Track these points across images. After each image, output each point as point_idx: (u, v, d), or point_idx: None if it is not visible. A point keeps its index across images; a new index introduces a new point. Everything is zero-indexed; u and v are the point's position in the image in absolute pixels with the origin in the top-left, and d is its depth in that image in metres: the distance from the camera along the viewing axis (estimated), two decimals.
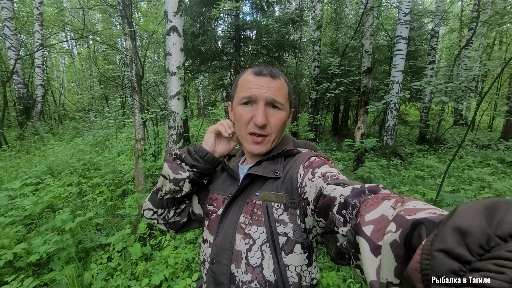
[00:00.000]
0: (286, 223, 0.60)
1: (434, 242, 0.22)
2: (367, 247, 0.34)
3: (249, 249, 0.61)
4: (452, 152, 6.36)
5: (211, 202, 0.75)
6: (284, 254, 0.59)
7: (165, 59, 2.51)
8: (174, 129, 2.62)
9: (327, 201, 0.46)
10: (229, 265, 0.63)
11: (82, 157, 4.43)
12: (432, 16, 7.03)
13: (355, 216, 0.39)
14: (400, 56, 5.40)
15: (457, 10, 13.41)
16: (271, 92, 0.63)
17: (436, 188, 3.73)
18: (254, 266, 0.60)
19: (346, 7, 9.13)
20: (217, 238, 0.68)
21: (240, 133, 0.69)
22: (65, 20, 11.21)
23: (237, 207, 0.67)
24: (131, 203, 2.99)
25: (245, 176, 0.66)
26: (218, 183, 0.78)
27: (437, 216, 0.27)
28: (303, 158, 0.64)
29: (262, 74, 0.65)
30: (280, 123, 0.66)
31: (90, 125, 7.62)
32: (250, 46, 5.93)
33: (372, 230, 0.34)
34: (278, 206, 0.61)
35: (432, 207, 0.31)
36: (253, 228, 0.62)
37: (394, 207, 0.35)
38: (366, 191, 0.42)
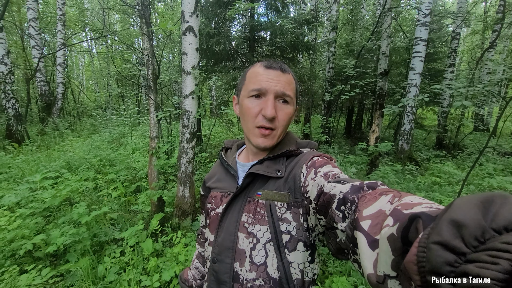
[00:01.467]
0: (290, 222, 0.60)
1: (431, 235, 0.23)
2: (365, 241, 0.34)
3: (253, 248, 0.62)
4: (472, 159, 6.11)
5: (210, 200, 0.76)
6: (288, 251, 0.60)
7: (181, 59, 2.55)
8: (187, 128, 2.66)
9: (327, 199, 0.47)
10: (231, 263, 0.64)
11: (99, 153, 4.56)
12: (454, 18, 6.79)
13: (353, 211, 0.40)
14: (419, 58, 5.25)
15: (480, 11, 12.91)
16: (281, 85, 0.63)
17: (454, 195, 3.59)
18: (259, 264, 0.61)
19: (362, 8, 8.99)
20: (218, 237, 0.68)
21: (247, 127, 0.68)
22: (85, 21, 11.62)
23: (238, 206, 0.66)
24: (144, 200, 3.05)
25: (247, 175, 0.65)
26: (216, 180, 0.78)
27: (434, 210, 0.27)
28: (307, 157, 0.64)
29: (272, 67, 0.64)
30: (287, 117, 0.65)
31: (107, 122, 7.86)
32: (264, 47, 5.93)
33: (369, 225, 0.35)
34: (281, 205, 0.61)
35: (429, 202, 0.31)
36: (256, 227, 0.62)
37: (391, 202, 0.35)
38: (365, 187, 0.43)
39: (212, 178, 0.80)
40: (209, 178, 0.82)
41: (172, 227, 2.81)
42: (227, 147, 0.86)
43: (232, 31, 5.92)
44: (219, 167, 0.81)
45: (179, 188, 2.82)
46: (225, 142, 0.88)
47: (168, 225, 2.78)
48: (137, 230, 2.39)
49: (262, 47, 6.04)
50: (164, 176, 4.21)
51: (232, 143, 0.86)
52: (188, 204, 2.86)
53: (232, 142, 0.86)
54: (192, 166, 2.79)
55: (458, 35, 7.30)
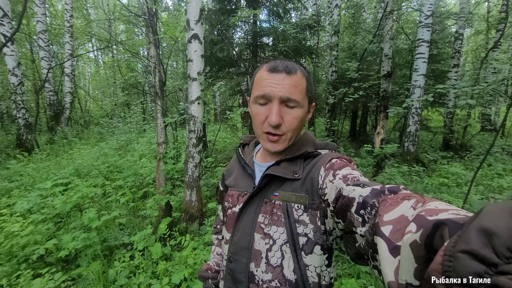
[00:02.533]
0: (307, 224, 0.59)
1: (458, 243, 0.21)
2: (385, 247, 0.33)
3: (269, 249, 0.61)
4: (480, 159, 6.03)
5: (227, 198, 0.76)
6: (304, 254, 0.59)
7: (186, 66, 2.61)
8: (194, 133, 2.70)
9: (346, 202, 0.46)
10: (247, 263, 0.64)
11: (106, 160, 4.64)
12: (456, 18, 6.79)
13: (373, 216, 0.39)
14: (422, 59, 5.25)
15: (483, 11, 12.87)
16: (286, 90, 0.61)
17: (462, 196, 3.55)
18: (275, 265, 0.60)
19: (364, 11, 9.05)
20: (234, 237, 0.68)
21: (256, 132, 0.68)
22: (92, 31, 11.92)
23: (254, 206, 0.66)
24: (152, 205, 3.09)
25: (264, 176, 0.65)
26: (234, 178, 0.77)
27: (461, 217, 0.26)
28: (325, 159, 0.62)
29: (277, 70, 0.62)
30: (296, 121, 0.63)
31: (114, 130, 7.99)
32: (267, 52, 6.01)
33: (391, 230, 0.34)
34: (298, 207, 0.60)
35: (456, 208, 0.30)
36: (273, 228, 0.62)
37: (414, 207, 0.34)
38: (386, 191, 0.41)
39: (230, 176, 0.80)
40: (228, 174, 0.82)
41: (180, 231, 2.83)
42: (244, 143, 0.85)
43: (235, 38, 6.02)
44: (237, 164, 0.80)
45: (186, 192, 2.86)
46: (243, 138, 0.87)
47: (176, 230, 2.81)
48: (145, 234, 2.42)
49: (265, 53, 6.12)
50: (171, 181, 4.26)
51: (249, 139, 0.85)
52: (195, 208, 2.89)
53: (249, 138, 0.85)
54: (199, 171, 2.83)
55: (461, 35, 7.29)
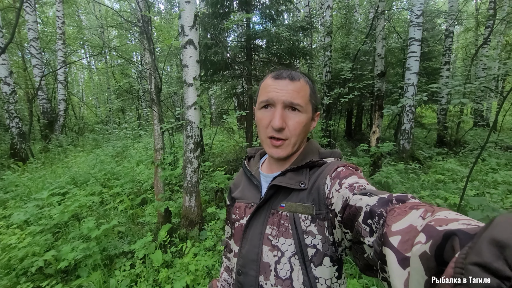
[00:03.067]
0: (315, 235, 0.59)
1: (469, 255, 0.21)
2: (394, 258, 0.32)
3: (278, 261, 0.61)
4: (474, 154, 6.12)
5: (235, 211, 0.75)
6: (314, 266, 0.58)
7: (182, 71, 2.61)
8: (191, 138, 2.70)
9: (353, 212, 0.45)
10: (256, 276, 0.63)
11: (103, 168, 4.60)
12: (446, 17, 6.90)
13: (381, 226, 0.38)
14: (414, 58, 5.32)
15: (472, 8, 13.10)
16: (289, 95, 0.62)
17: (458, 193, 3.60)
18: (284, 278, 0.60)
19: (355, 11, 9.14)
20: (243, 249, 0.67)
21: (260, 137, 0.69)
22: (84, 38, 11.84)
23: (262, 218, 0.66)
24: (151, 211, 3.07)
25: (270, 187, 0.65)
26: (241, 190, 0.77)
27: (472, 227, 0.25)
28: (330, 168, 0.62)
29: (281, 77, 0.64)
30: (299, 126, 0.64)
31: (109, 136, 7.93)
32: (261, 54, 6.03)
33: (399, 241, 0.33)
34: (306, 218, 0.60)
35: (466, 218, 0.29)
36: (280, 240, 0.61)
37: (423, 217, 0.33)
38: (394, 200, 0.41)
39: (237, 188, 0.80)
40: (235, 187, 0.82)
41: (180, 238, 2.82)
42: (250, 156, 0.85)
43: (229, 41, 6.03)
44: (243, 176, 0.80)
45: (185, 198, 2.85)
46: (248, 151, 0.87)
47: (176, 236, 2.79)
48: (146, 242, 2.40)
49: (259, 55, 6.14)
50: (169, 186, 4.24)
51: (255, 152, 0.85)
52: (195, 213, 2.88)
53: (255, 150, 0.86)
54: (197, 176, 2.82)
55: (451, 33, 7.41)
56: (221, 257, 2.42)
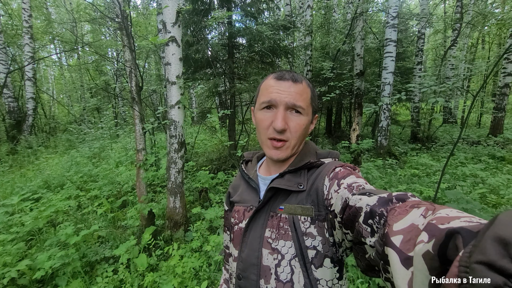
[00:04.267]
0: (315, 236, 0.58)
1: (473, 253, 0.21)
2: (397, 258, 0.32)
3: (278, 265, 0.60)
4: (444, 149, 6.52)
5: (234, 215, 0.75)
6: (314, 267, 0.58)
7: (164, 69, 2.54)
8: (175, 138, 2.64)
9: (353, 212, 0.45)
10: (257, 280, 0.62)
11: (79, 170, 4.37)
12: (418, 19, 7.26)
13: (382, 225, 0.38)
14: (390, 58, 5.55)
15: (440, 12, 13.89)
16: (292, 97, 0.62)
17: (432, 186, 3.82)
18: (285, 281, 0.59)
19: (334, 12, 9.36)
20: (242, 253, 0.67)
21: (260, 138, 0.68)
22: (53, 32, 11.12)
23: (261, 221, 0.65)
24: (133, 214, 2.97)
25: (268, 189, 0.64)
26: (239, 194, 0.76)
27: (474, 225, 0.25)
28: (328, 169, 0.62)
29: (284, 78, 0.64)
30: (300, 128, 0.64)
31: (84, 136, 7.53)
32: (243, 52, 6.01)
33: (401, 241, 0.32)
34: (305, 219, 0.59)
35: (468, 215, 0.29)
36: (280, 243, 0.61)
37: (424, 215, 0.33)
38: (394, 200, 0.40)
39: (236, 192, 0.79)
40: (233, 191, 0.81)
41: (165, 240, 2.76)
42: (247, 160, 0.85)
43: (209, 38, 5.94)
44: (241, 180, 0.80)
45: (169, 199, 2.78)
46: (245, 155, 0.86)
47: (161, 238, 2.73)
48: (129, 246, 2.32)
49: (241, 53, 6.11)
50: (151, 187, 4.12)
51: (252, 155, 0.85)
52: (180, 215, 2.82)
53: (252, 154, 0.85)
54: (182, 176, 2.77)
55: (423, 35, 7.81)
56: (208, 258, 2.40)
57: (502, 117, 7.26)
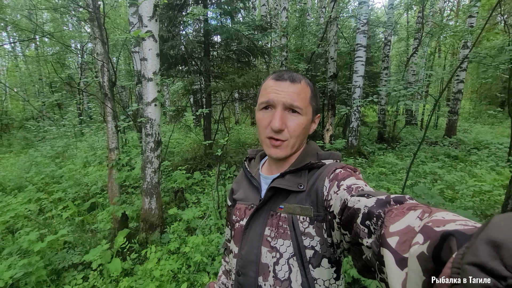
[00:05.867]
0: (313, 236, 0.59)
1: (465, 255, 0.21)
2: (392, 259, 0.32)
3: (276, 263, 0.61)
4: (407, 149, 7.04)
5: (235, 212, 0.76)
6: (312, 267, 0.59)
7: (140, 64, 2.43)
8: (151, 137, 2.54)
9: (351, 213, 0.45)
10: (256, 277, 0.63)
11: (41, 171, 4.01)
12: (385, 27, 7.74)
13: (379, 227, 0.38)
14: (360, 62, 5.86)
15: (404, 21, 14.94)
16: (289, 97, 0.62)
17: (398, 183, 4.12)
18: (282, 279, 0.60)
19: (308, 15, 9.63)
20: (242, 250, 0.68)
21: (260, 137, 0.69)
22: (6, 19, 10.05)
23: (261, 219, 0.66)
24: (104, 217, 2.81)
25: (269, 189, 0.65)
26: (242, 192, 0.77)
27: (469, 228, 0.26)
28: (329, 170, 0.62)
29: (282, 78, 0.64)
30: (298, 128, 0.64)
31: (44, 134, 6.91)
32: (220, 51, 5.94)
33: (397, 242, 0.33)
34: (304, 219, 0.60)
35: (463, 219, 0.29)
36: (279, 242, 0.62)
37: (421, 217, 0.34)
38: (392, 202, 0.41)
39: (239, 190, 0.79)
40: (237, 188, 0.81)
41: (140, 243, 2.65)
42: (250, 157, 0.85)
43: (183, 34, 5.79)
44: (243, 177, 0.80)
45: (144, 200, 2.67)
46: (249, 152, 0.87)
47: (135, 241, 2.61)
48: (101, 250, 2.19)
49: (217, 51, 6.04)
50: (122, 189, 3.92)
51: (255, 153, 0.85)
52: (156, 216, 2.73)
53: (255, 152, 0.85)
54: (158, 176, 2.68)
55: (389, 42, 8.34)
56: (186, 259, 2.35)
57: (455, 120, 8.02)
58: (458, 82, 7.83)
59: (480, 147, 6.78)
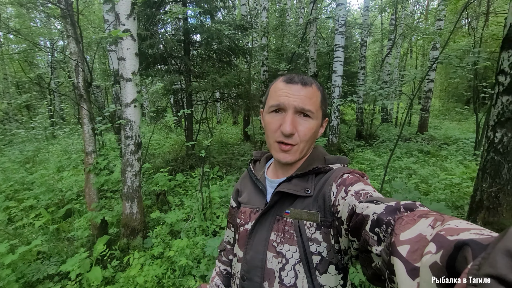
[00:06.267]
0: (320, 242, 0.58)
1: (482, 266, 0.20)
2: (403, 268, 0.31)
3: (282, 268, 0.60)
4: (384, 145, 7.35)
5: (240, 215, 0.74)
6: (319, 273, 0.58)
7: (118, 64, 2.34)
8: (131, 139, 2.46)
9: (360, 220, 0.44)
10: (261, 283, 0.62)
11: (9, 177, 3.74)
12: (362, 28, 8.01)
13: (389, 234, 0.37)
14: (339, 62, 6.03)
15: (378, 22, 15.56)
16: (301, 101, 0.61)
17: (376, 178, 4.29)
18: (288, 285, 0.59)
19: (288, 15, 9.75)
20: (247, 255, 0.67)
21: (268, 141, 0.67)
22: None
23: (267, 224, 0.65)
24: (82, 224, 2.68)
25: (275, 193, 0.64)
26: (246, 195, 0.76)
27: (484, 237, 0.24)
28: (336, 175, 0.61)
29: (293, 81, 0.62)
30: (309, 132, 0.63)
31: (12, 138, 6.44)
32: (200, 50, 5.86)
33: (408, 251, 0.32)
34: (311, 225, 0.59)
35: (478, 227, 0.28)
36: (285, 247, 0.61)
37: (433, 226, 0.33)
38: (402, 209, 0.40)
39: (243, 192, 0.78)
40: (241, 191, 0.80)
41: (121, 249, 2.55)
42: (255, 159, 0.83)
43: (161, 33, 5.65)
44: (248, 180, 0.79)
45: (125, 205, 2.58)
46: (254, 154, 0.85)
47: (116, 248, 2.52)
48: (80, 259, 2.09)
49: (197, 51, 5.95)
50: (100, 194, 3.75)
51: (260, 155, 0.83)
52: (138, 221, 2.64)
53: (260, 154, 0.84)
54: (139, 180, 2.60)
55: (365, 42, 8.64)
56: (171, 263, 2.30)
57: (427, 117, 8.48)
58: (428, 82, 8.28)
59: (450, 142, 7.21)
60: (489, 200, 2.13)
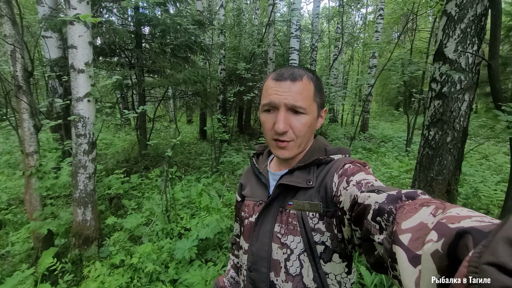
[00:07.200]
0: (323, 232, 0.59)
1: (483, 254, 0.20)
2: (405, 256, 0.31)
3: (287, 259, 0.62)
4: (333, 144, 7.98)
5: (244, 208, 0.75)
6: (323, 262, 0.59)
7: (68, 53, 2.07)
8: (84, 137, 2.20)
9: (361, 209, 0.44)
10: (267, 273, 0.64)
11: None
12: (314, 33, 8.54)
13: (391, 223, 0.37)
14: (294, 65, 6.33)
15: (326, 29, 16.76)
16: (291, 98, 0.60)
17: None
18: (294, 275, 0.61)
19: (244, 15, 9.82)
20: (253, 247, 0.68)
21: (266, 139, 0.68)
22: None
23: (271, 216, 0.66)
24: (20, 236, 2.30)
25: (277, 186, 0.65)
26: (250, 188, 0.77)
27: (486, 225, 0.24)
28: (338, 165, 0.62)
29: (282, 78, 0.61)
30: (304, 128, 0.62)
31: None
32: (154, 44, 5.51)
33: (409, 239, 0.32)
34: (313, 215, 0.60)
35: (480, 215, 0.28)
36: (289, 238, 0.62)
37: (434, 214, 0.33)
38: (403, 197, 0.40)
39: (247, 186, 0.78)
40: (245, 184, 0.80)
41: (72, 261, 2.27)
42: (258, 153, 0.84)
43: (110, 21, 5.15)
44: (251, 173, 0.80)
45: (77, 211, 2.30)
46: (256, 148, 0.85)
47: (66, 260, 2.23)
48: (22, 277, 1.80)
49: (150, 44, 5.59)
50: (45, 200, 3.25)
51: (263, 149, 0.84)
52: (92, 228, 2.39)
53: (263, 147, 0.84)
54: (93, 183, 2.34)
55: (316, 47, 9.25)
56: (134, 271, 2.14)
57: (367, 118, 9.50)
58: (369, 86, 9.28)
59: (386, 140, 8.20)
60: (425, 189, 2.51)
